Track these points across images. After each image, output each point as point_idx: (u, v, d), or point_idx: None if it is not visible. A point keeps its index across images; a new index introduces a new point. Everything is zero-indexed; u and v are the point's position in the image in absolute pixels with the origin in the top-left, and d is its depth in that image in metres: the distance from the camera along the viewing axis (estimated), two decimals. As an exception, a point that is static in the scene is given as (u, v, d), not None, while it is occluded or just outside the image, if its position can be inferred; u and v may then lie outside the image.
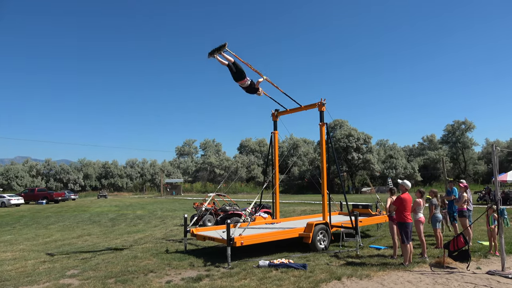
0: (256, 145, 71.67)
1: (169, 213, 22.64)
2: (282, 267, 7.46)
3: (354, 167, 55.12)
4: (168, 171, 70.58)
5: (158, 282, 6.71)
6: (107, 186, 66.85)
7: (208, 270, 7.50)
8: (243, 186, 61.21)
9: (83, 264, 8.34)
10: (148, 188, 67.61)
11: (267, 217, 12.32)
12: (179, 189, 57.33)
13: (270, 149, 12.37)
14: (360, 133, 54.79)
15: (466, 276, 6.76)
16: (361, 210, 12.36)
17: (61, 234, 14.43)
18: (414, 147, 67.59)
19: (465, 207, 9.56)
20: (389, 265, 7.54)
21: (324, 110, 10.29)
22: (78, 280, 6.95)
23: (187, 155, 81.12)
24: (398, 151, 58.70)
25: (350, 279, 6.65)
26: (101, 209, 27.26)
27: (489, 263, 7.72)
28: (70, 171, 64.17)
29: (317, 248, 9.23)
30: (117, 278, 6.99)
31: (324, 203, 10.09)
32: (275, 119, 12.10)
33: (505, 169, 35.32)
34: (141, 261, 8.47)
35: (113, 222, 18.37)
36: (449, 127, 60.43)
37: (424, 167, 58.95)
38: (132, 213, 23.01)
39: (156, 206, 29.57)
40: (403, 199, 7.79)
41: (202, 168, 69.87)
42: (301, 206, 25.38)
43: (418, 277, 6.75)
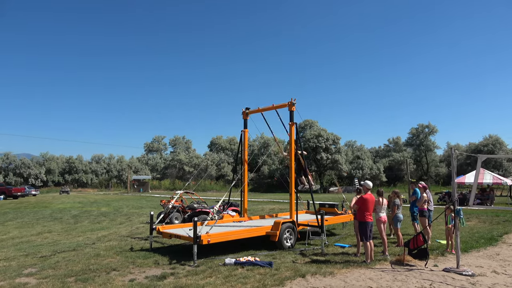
0: (227, 143, 71.45)
1: (136, 210, 22.17)
2: (248, 265, 7.48)
3: (323, 167, 56.12)
4: (135, 167, 69.04)
5: (121, 280, 6.55)
6: (71, 181, 64.57)
7: (173, 268, 7.41)
8: (212, 184, 60.87)
9: (42, 263, 8.02)
10: (114, 185, 65.82)
11: (235, 215, 12.32)
12: (146, 186, 56.21)
13: (240, 147, 12.36)
14: (329, 133, 55.82)
15: (424, 273, 7.05)
16: (328, 209, 12.60)
17: (19, 231, 13.81)
18: (380, 149, 69.68)
19: (425, 207, 9.96)
20: (352, 263, 7.74)
21: (294, 110, 10.41)
22: (35, 279, 6.68)
23: (156, 151, 79.63)
24: (365, 152, 60.31)
25: (314, 276, 6.77)
26: (63, 206, 26.29)
27: (445, 260, 8.08)
28: (31, 165, 61.43)
29: (284, 246, 9.33)
30: (78, 276, 6.78)
31: (292, 202, 10.21)
32: (246, 117, 12.11)
33: (464, 172, 37.16)
34: (104, 259, 8.25)
35: (76, 219, 17.77)
36: (413, 130, 62.72)
37: (389, 168, 60.91)
38: (97, 210, 22.35)
39: (122, 203, 28.86)
40: (365, 199, 8.03)
41: (171, 165, 68.86)
42: (269, 205, 25.57)
43: (379, 274, 6.97)
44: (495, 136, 58.42)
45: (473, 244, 9.81)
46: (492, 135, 58.99)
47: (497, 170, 50.99)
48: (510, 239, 10.75)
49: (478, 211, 18.53)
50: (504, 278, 6.71)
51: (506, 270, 7.31)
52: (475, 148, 57.67)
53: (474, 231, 12.22)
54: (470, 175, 25.06)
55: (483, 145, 57.46)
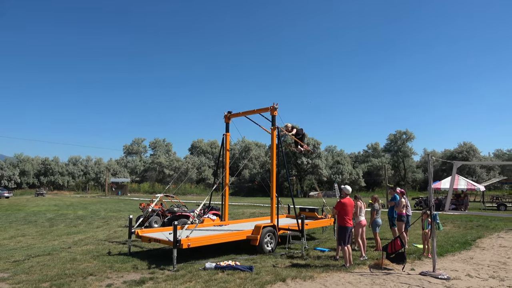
0: (208, 146, 71.13)
1: (114, 213, 21.74)
2: (228, 269, 7.45)
3: (303, 171, 56.55)
4: (114, 170, 67.79)
5: (98, 285, 6.41)
6: (47, 184, 62.79)
7: (153, 272, 7.30)
8: (193, 188, 60.40)
9: (15, 267, 7.75)
10: (91, 187, 64.40)
11: (216, 219, 12.26)
12: (125, 189, 55.27)
13: (221, 151, 12.33)
14: (310, 138, 56.32)
15: (401, 277, 7.19)
16: (308, 214, 12.69)
17: (-10, 234, 13.32)
18: (360, 154, 70.77)
19: (403, 212, 10.18)
20: (332, 267, 7.82)
21: (276, 115, 10.47)
22: (8, 284, 6.45)
23: (136, 154, 78.42)
24: (344, 158, 61.14)
25: (295, 280, 6.80)
26: (38, 209, 25.54)
27: (422, 264, 8.27)
28: (4, 166, 59.43)
29: (264, 250, 9.34)
30: (53, 281, 6.59)
31: (273, 206, 10.24)
32: (228, 121, 12.09)
33: (439, 178, 38.12)
34: (80, 264, 8.05)
35: (51, 222, 17.29)
36: (391, 136, 64.08)
37: (368, 173, 61.93)
38: (73, 213, 21.80)
39: (100, 206, 28.26)
40: (344, 204, 8.15)
41: (150, 168, 67.96)
42: (250, 209, 25.55)
43: (358, 278, 7.06)
44: (469, 143, 60.32)
45: (448, 248, 10.07)
46: (466, 142, 60.88)
47: (471, 176, 52.61)
48: (483, 244, 11.10)
49: (453, 216, 19.06)
50: (478, 282, 6.92)
51: (480, 273, 7.53)
52: (450, 155, 59.39)
53: (449, 235, 12.55)
54: (445, 181, 25.76)
55: (458, 152, 59.24)
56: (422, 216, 9.06)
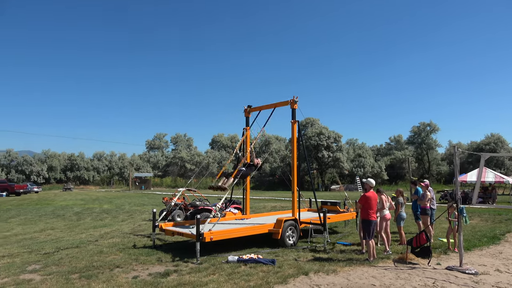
0: (228, 140, 71.48)
1: (138, 207, 22.22)
2: (251, 262, 7.50)
3: (324, 165, 56.08)
4: (137, 164, 69.13)
5: (124, 277, 6.58)
6: (73, 179, 64.68)
7: (177, 265, 7.43)
8: (214, 182, 60.92)
9: (46, 259, 8.05)
10: (116, 182, 65.93)
11: (237, 213, 12.34)
12: (148, 184, 56.33)
13: (242, 145, 12.36)
14: (330, 131, 55.72)
15: (427, 271, 7.05)
16: (330, 207, 12.60)
17: (22, 228, 13.86)
18: (382, 147, 69.54)
19: (428, 206, 9.95)
20: (355, 261, 7.75)
21: (296, 108, 10.39)
22: (39, 276, 6.71)
23: (158, 149, 79.67)
24: (366, 150, 60.20)
25: (317, 274, 6.78)
26: (65, 203, 26.37)
27: (448, 259, 8.08)
28: (33, 162, 61.55)
29: (286, 244, 9.34)
30: (82, 273, 6.80)
31: (294, 199, 10.22)
32: (247, 115, 12.10)
33: (465, 170, 37.04)
34: (107, 256, 8.28)
35: (79, 216, 17.83)
36: (415, 129, 62.57)
37: (391, 166, 60.81)
38: (99, 207, 22.41)
39: (124, 200, 28.93)
40: (368, 197, 8.03)
41: (172, 162, 68.93)
42: (271, 203, 25.59)
43: (382, 272, 6.98)
44: (497, 134, 58.21)
45: (475, 243, 9.80)
46: (494, 134, 58.80)
47: (499, 168, 50.88)
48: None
49: (480, 209, 18.52)
50: (507, 277, 6.71)
51: (509, 268, 7.30)
52: (476, 147, 57.54)
53: (476, 229, 12.21)
54: (472, 174, 25.01)
55: (485, 143, 57.32)
56: (448, 209, 8.83)
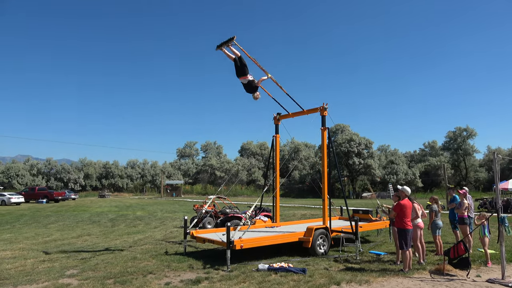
0: (257, 148, 71.64)
1: (169, 214, 22.63)
2: (281, 271, 7.44)
3: (355, 172, 55.03)
4: (168, 172, 70.56)
5: (157, 283, 6.70)
6: (108, 186, 66.83)
7: (208, 272, 7.49)
8: (243, 189, 61.14)
9: (83, 264, 8.34)
10: (148, 189, 67.55)
11: (267, 221, 12.31)
12: (179, 191, 57.29)
13: (271, 152, 12.36)
14: (361, 138, 54.72)
15: (466, 284, 6.74)
16: (362, 215, 12.33)
17: (60, 233, 14.44)
18: (416, 153, 67.45)
19: (465, 214, 9.52)
20: (389, 271, 7.52)
21: (326, 115, 10.30)
22: (77, 280, 6.96)
23: (188, 157, 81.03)
24: (399, 157, 58.59)
25: (349, 284, 6.63)
26: (101, 209, 27.26)
27: (489, 271, 7.69)
28: (70, 170, 64.18)
29: (317, 252, 9.21)
30: (116, 278, 6.99)
31: (325, 207, 10.08)
32: (277, 122, 12.11)
33: (506, 177, 35.24)
34: (140, 262, 8.47)
35: (113, 222, 18.37)
36: (450, 134, 60.33)
37: (425, 173, 58.81)
38: (132, 214, 23.01)
39: (156, 207, 29.56)
40: (403, 205, 7.78)
41: (202, 170, 69.83)
42: (301, 210, 25.35)
43: (417, 283, 6.73)
44: (540, 139, 55.19)
45: (519, 254, 9.27)
46: (537, 138, 55.76)
47: (544, 175, 48.04)
48: (560, 249, 10.07)
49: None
50: (555, 291, 6.30)
51: (557, 282, 6.85)
52: (518, 152, 54.68)
53: (519, 240, 11.54)
54: (513, 181, 23.77)
55: (528, 149, 54.40)
56: (479, 218, 8.34)
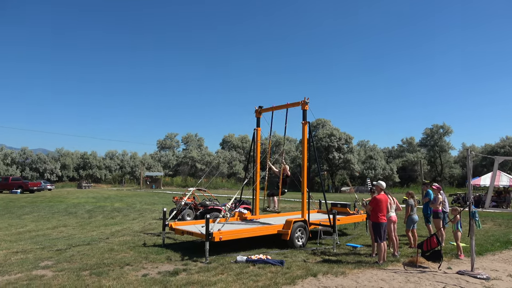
0: (239, 141, 71.56)
1: (148, 206, 22.41)
2: (259, 263, 7.51)
3: (335, 166, 55.76)
4: (148, 164, 69.69)
5: (134, 275, 6.65)
6: (85, 177, 65.53)
7: (186, 264, 7.48)
8: (224, 182, 61.07)
9: (58, 256, 8.19)
10: (127, 181, 66.58)
11: (247, 213, 12.36)
12: (159, 183, 56.72)
13: (252, 145, 12.39)
14: (341, 133, 55.41)
15: (437, 275, 6.97)
16: (340, 209, 12.54)
17: (35, 224, 14.11)
18: (394, 149, 68.86)
19: (440, 209, 9.83)
20: (364, 263, 7.70)
21: (307, 109, 10.38)
22: (51, 272, 6.83)
23: (169, 148, 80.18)
24: (378, 152, 59.69)
25: (326, 276, 6.76)
26: (78, 201, 26.74)
27: (460, 263, 7.97)
28: (47, 160, 62.55)
29: (295, 245, 9.33)
30: (92, 270, 6.90)
31: (304, 201, 10.20)
32: (258, 115, 12.13)
33: (479, 174, 36.42)
34: (118, 254, 8.38)
35: (90, 214, 18.07)
36: (428, 131, 61.80)
37: (403, 168, 60.15)
38: (110, 206, 22.67)
39: (135, 199, 29.21)
40: (378, 200, 7.97)
41: (183, 162, 69.31)
42: (281, 203, 25.49)
43: (391, 275, 6.92)
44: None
45: (488, 247, 9.66)
46: (509, 137, 57.79)
47: (514, 172, 49.94)
48: (526, 243, 10.54)
49: (494, 214, 18.20)
50: (520, 283, 6.60)
51: (522, 274, 7.17)
52: (491, 150, 56.58)
53: (489, 234, 12.02)
54: (485, 177, 24.59)
55: (500, 146, 56.34)
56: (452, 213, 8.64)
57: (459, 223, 8.36)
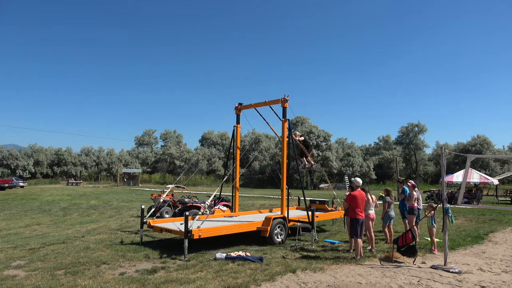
0: (218, 138, 71.25)
1: (126, 203, 22.04)
2: (239, 259, 7.52)
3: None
4: (126, 160, 68.50)
5: (111, 274, 6.53)
6: (60, 174, 63.82)
7: (164, 262, 7.40)
8: (203, 179, 60.73)
9: (31, 255, 7.94)
10: (104, 178, 65.26)
11: (226, 210, 12.34)
12: (137, 180, 55.83)
13: (231, 142, 12.36)
14: (320, 130, 56.03)
15: (412, 270, 7.16)
16: (318, 206, 12.69)
17: (6, 223, 13.64)
18: (371, 147, 70.14)
19: (415, 205, 10.09)
20: (342, 259, 7.83)
21: (287, 107, 10.43)
22: (24, 272, 6.62)
23: (147, 145, 79.03)
24: (355, 150, 60.67)
25: (305, 272, 6.83)
26: (52, 198, 26.02)
27: (433, 258, 8.22)
28: (19, 156, 60.51)
29: (274, 241, 9.39)
30: (67, 269, 6.73)
31: (283, 197, 10.26)
32: (238, 112, 12.10)
33: (452, 171, 37.63)
34: (94, 253, 8.21)
35: (65, 211, 17.62)
36: (403, 129, 63.28)
37: (379, 166, 61.43)
38: (86, 203, 22.17)
39: (112, 196, 28.67)
40: (354, 196, 8.11)
41: (161, 159, 68.48)
42: (260, 200, 25.63)
43: (368, 270, 7.06)
44: (483, 136, 59.31)
45: (460, 242, 9.99)
46: (480, 135, 59.88)
47: (484, 170, 51.80)
48: (495, 238, 10.97)
49: (465, 209, 18.85)
50: (490, 276, 6.86)
51: (492, 267, 7.46)
52: (463, 148, 58.49)
53: (461, 229, 12.43)
54: (458, 174, 25.44)
55: (471, 145, 58.31)
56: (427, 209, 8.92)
57: (433, 219, 8.61)
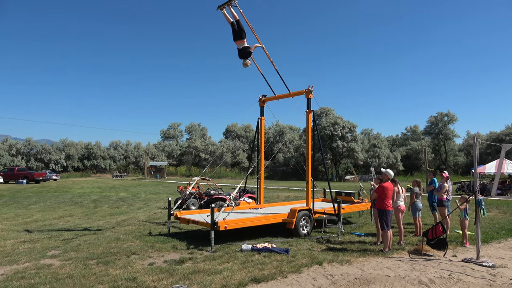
0: (242, 130, 71.48)
1: (153, 196, 22.54)
2: (264, 251, 7.54)
3: (339, 155, 55.69)
4: (152, 154, 69.89)
5: (140, 264, 6.71)
6: (90, 167, 65.89)
7: (191, 253, 7.53)
8: (228, 171, 61.21)
9: (65, 245, 8.26)
10: (131, 171, 66.91)
11: (251, 202, 12.39)
12: (163, 172, 56.95)
13: (256, 134, 12.35)
14: (345, 121, 55.16)
15: (442, 263, 6.97)
16: (344, 198, 12.53)
17: (41, 214, 14.23)
18: (398, 137, 68.53)
19: (444, 197, 9.80)
20: (369, 251, 7.71)
21: (312, 98, 10.30)
22: (59, 261, 6.89)
23: (172, 138, 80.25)
24: (381, 141, 59.44)
25: (331, 264, 6.78)
26: (83, 190, 26.93)
27: (465, 251, 7.97)
28: (51, 151, 62.86)
29: (300, 233, 9.36)
30: (99, 259, 6.96)
31: (308, 189, 10.19)
32: (262, 104, 12.05)
33: (484, 161, 36.24)
34: (124, 243, 8.44)
35: (96, 203, 18.20)
36: (432, 119, 61.38)
37: (407, 157, 59.98)
38: (115, 195, 22.82)
39: (140, 188, 29.37)
40: (385, 188, 7.94)
41: (187, 152, 69.46)
42: (285, 192, 25.60)
43: (396, 263, 6.93)
44: (518, 124, 56.73)
45: (493, 235, 9.64)
46: (515, 124, 57.29)
47: (519, 160, 49.66)
48: (532, 231, 10.51)
49: (499, 201, 18.14)
50: (526, 270, 6.59)
51: (528, 262, 7.16)
52: (496, 137, 56.16)
53: (494, 222, 11.99)
54: (490, 165, 24.47)
55: (505, 134, 55.90)
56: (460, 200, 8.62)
57: (466, 211, 8.33)
